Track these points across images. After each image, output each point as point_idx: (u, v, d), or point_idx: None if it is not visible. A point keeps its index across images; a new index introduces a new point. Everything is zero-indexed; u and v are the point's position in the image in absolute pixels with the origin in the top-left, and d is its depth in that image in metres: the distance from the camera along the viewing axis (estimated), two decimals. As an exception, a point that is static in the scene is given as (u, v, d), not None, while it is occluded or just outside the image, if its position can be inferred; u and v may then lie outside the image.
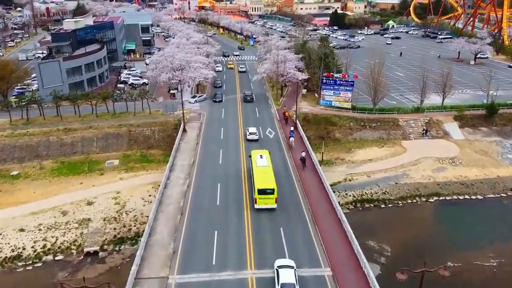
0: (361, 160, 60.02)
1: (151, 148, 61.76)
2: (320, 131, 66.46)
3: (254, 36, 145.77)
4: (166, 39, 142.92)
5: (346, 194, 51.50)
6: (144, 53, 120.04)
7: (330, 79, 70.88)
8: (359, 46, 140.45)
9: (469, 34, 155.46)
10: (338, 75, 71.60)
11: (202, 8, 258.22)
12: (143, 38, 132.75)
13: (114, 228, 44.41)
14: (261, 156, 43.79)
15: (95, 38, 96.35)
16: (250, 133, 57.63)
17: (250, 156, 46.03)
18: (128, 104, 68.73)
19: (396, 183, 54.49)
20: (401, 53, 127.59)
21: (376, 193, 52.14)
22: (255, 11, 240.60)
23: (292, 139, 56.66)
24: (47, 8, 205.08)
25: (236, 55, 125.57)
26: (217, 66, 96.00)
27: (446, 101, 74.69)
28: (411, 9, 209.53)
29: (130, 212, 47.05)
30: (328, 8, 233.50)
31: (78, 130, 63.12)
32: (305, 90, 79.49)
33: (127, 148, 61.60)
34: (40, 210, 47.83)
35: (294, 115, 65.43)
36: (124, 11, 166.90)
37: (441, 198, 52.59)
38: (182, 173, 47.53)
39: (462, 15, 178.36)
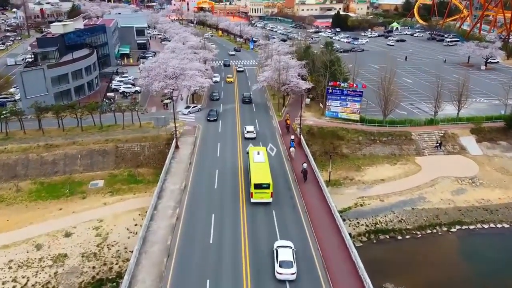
0: (372, 180, 54.29)
1: (140, 166, 56.06)
2: (326, 146, 60.84)
3: (254, 39, 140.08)
4: (163, 42, 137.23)
5: (358, 223, 45.74)
6: (138, 57, 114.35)
7: (337, 88, 65.19)
8: (363, 50, 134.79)
9: (477, 37, 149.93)
10: (345, 84, 65.90)
11: (201, 9, 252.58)
12: (138, 41, 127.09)
13: (93, 267, 38.67)
14: (258, 153, 45.62)
15: (85, 43, 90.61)
16: (248, 132, 58.90)
17: (247, 153, 48.62)
18: (117, 116, 63.07)
19: (412, 208, 48.76)
20: (406, 58, 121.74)
21: (391, 221, 46.41)
22: (255, 12, 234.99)
23: (292, 149, 53.03)
24: (42, 9, 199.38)
25: (231, 55, 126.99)
26: (214, 76, 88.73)
27: (461, 112, 68.93)
28: (415, 10, 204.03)
29: (112, 246, 41.33)
30: (330, 9, 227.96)
31: (60, 147, 57.40)
32: (309, 99, 73.79)
33: (113, 167, 55.88)
34: (13, 242, 42.19)
35: (298, 129, 59.76)
36: (119, 13, 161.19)
37: (463, 227, 46.82)
38: (172, 201, 41.81)
39: (468, 17, 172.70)
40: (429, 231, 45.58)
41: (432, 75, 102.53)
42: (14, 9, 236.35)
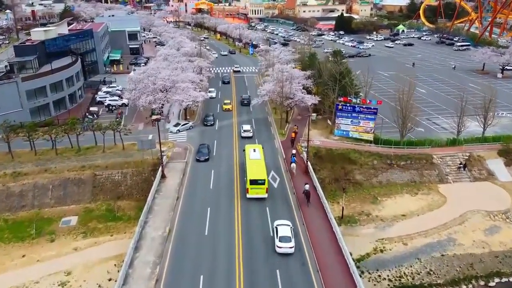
0: (392, 216, 46.51)
1: (121, 198, 48.25)
2: (336, 171, 53.08)
3: (254, 43, 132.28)
4: (157, 46, 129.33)
5: (379, 276, 37.94)
6: (130, 64, 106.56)
7: (348, 105, 57.43)
8: (369, 55, 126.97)
9: (488, 41, 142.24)
10: (357, 99, 58.15)
11: (200, 10, 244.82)
12: (130, 46, 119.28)
13: None
14: (254, 150, 46.83)
15: (70, 50, 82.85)
16: (245, 131, 59.15)
17: (244, 150, 48.99)
18: (98, 135, 55.10)
19: (442, 255, 40.95)
20: (413, 64, 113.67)
21: (418, 273, 38.61)
22: (255, 13, 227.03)
23: (293, 165, 48.60)
24: (33, 11, 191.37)
25: (224, 55, 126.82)
26: (210, 92, 77.42)
27: (480, 128, 61.05)
28: (421, 12, 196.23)
29: (79, 311, 33.62)
30: (332, 11, 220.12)
31: (30, 175, 49.59)
32: (315, 114, 65.81)
33: (90, 199, 48.07)
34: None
35: (304, 152, 52.00)
36: (113, 15, 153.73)
37: (503, 279, 39.15)
38: (152, 254, 34.02)
39: (477, 20, 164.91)
40: (464, 287, 37.79)
41: (446, 84, 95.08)
42: (8, 10, 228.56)
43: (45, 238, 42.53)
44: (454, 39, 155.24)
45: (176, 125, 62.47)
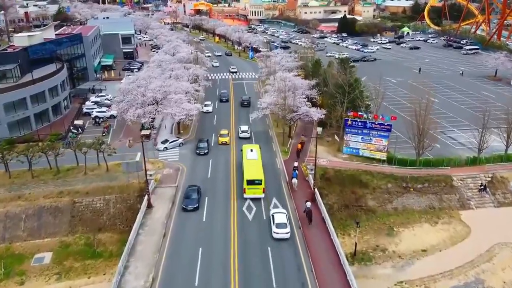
0: (411, 252, 40.84)
1: (103, 229, 42.60)
2: (346, 196, 47.46)
3: (253, 46, 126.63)
4: (153, 50, 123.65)
5: (402, 334, 32.28)
6: (123, 69, 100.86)
7: (358, 120, 51.71)
8: (375, 59, 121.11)
9: (498, 44, 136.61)
10: (368, 115, 52.42)
11: (198, 11, 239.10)
12: (124, 50, 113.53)
13: None
14: (251, 150, 47.17)
15: (56, 56, 77.07)
16: (242, 131, 58.57)
17: (241, 150, 49.17)
18: (81, 154, 49.24)
19: (472, 302, 35.36)
20: (420, 70, 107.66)
21: (446, 328, 32.95)
22: (255, 15, 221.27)
23: (295, 180, 45.07)
24: (26, 13, 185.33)
25: (218, 56, 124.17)
26: (205, 106, 70.22)
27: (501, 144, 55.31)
28: (426, 13, 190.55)
29: None
30: (334, 12, 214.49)
31: (1, 202, 43.89)
32: (321, 128, 59.60)
33: (67, 231, 42.36)
34: None
35: (310, 175, 46.29)
36: (107, 17, 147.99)
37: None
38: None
39: (483, 22, 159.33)
40: None
41: (459, 92, 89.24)
42: (2, 11, 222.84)
43: (13, 280, 36.94)
44: (461, 42, 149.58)
45: (164, 141, 56.37)
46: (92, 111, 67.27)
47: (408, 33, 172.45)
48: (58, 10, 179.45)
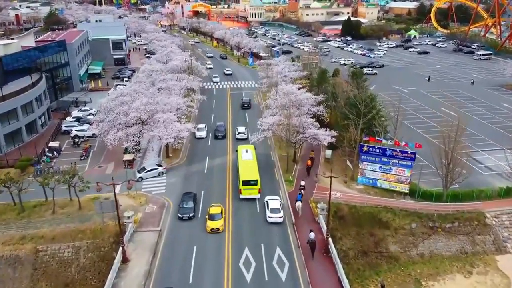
0: (445, 317, 33.38)
1: (70, 285, 35.07)
2: (363, 240, 40.01)
3: (254, 51, 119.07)
4: (147, 55, 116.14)
5: None
6: (112, 77, 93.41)
7: (376, 147, 44.17)
8: (383, 65, 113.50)
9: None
10: (388, 141, 44.86)
11: (197, 13, 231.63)
12: (115, 57, 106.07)
13: None
14: (246, 151, 47.15)
15: (36, 66, 69.56)
16: (239, 132, 58.35)
17: (236, 151, 49.17)
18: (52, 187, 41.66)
19: None
20: (429, 78, 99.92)
21: None
22: (255, 17, 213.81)
23: (298, 203, 40.52)
24: (17, 15, 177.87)
25: (209, 57, 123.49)
26: (198, 130, 59.13)
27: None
28: (432, 15, 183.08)
29: None
30: (337, 14, 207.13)
31: None
32: (330, 151, 52.34)
33: (27, 289, 34.91)
34: None
35: (321, 216, 38.73)
36: (100, 20, 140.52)
37: None
38: None
39: (493, 25, 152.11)
40: None
41: (477, 104, 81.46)
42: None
43: None
44: (472, 46, 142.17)
45: (141, 170, 48.24)
46: (72, 130, 59.70)
47: (415, 36, 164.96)
48: (50, 12, 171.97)
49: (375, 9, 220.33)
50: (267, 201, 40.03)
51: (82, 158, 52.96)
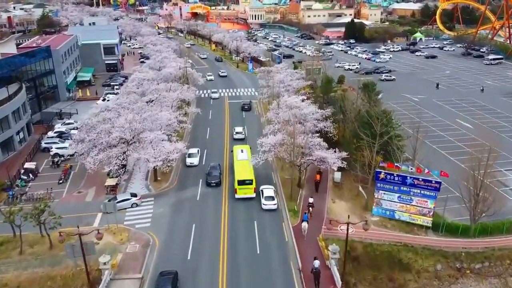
0: None
1: None
2: (380, 286, 34.13)
3: (254, 55, 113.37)
4: (142, 60, 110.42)
5: None
6: (103, 85, 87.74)
7: (394, 174, 38.36)
8: (390, 71, 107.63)
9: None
10: (408, 167, 39.04)
11: (195, 15, 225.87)
12: (106, 62, 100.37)
13: None
14: (241, 151, 47.69)
15: (15, 75, 63.80)
16: (237, 132, 58.33)
17: (232, 151, 50.18)
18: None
19: None
20: (437, 85, 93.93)
21: None
22: (255, 19, 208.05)
23: (305, 224, 36.92)
24: (9, 17, 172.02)
25: (203, 58, 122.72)
26: (190, 156, 50.75)
27: None
28: (437, 17, 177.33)
29: None
30: (339, 16, 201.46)
31: None
32: (339, 173, 46.38)
33: None
34: None
35: (332, 261, 32.87)
36: (94, 22, 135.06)
37: None
38: None
39: (502, 28, 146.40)
40: None
41: (493, 114, 75.29)
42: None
43: None
44: (481, 50, 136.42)
45: (111, 199, 40.75)
46: (52, 147, 53.91)
47: (421, 39, 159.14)
48: (42, 14, 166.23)
49: (378, 10, 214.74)
50: (262, 190, 42.11)
51: (61, 181, 47.15)
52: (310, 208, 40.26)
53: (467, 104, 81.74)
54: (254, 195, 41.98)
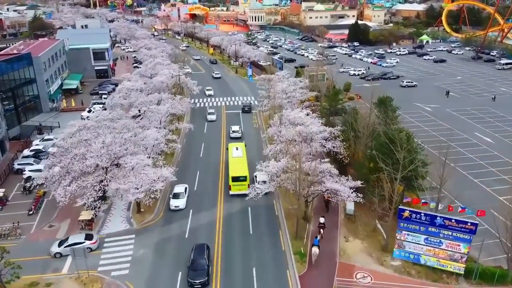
0: None
1: None
2: None
3: (253, 60, 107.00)
4: (135, 65, 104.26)
5: None
6: (91, 93, 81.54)
7: (421, 212, 31.92)
8: (398, 76, 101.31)
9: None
10: (438, 205, 32.64)
11: (194, 16, 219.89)
12: (96, 68, 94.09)
13: None
14: (236, 148, 48.75)
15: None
16: (233, 131, 58.92)
17: (227, 149, 50.67)
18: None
19: None
20: (447, 93, 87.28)
21: None
22: (255, 20, 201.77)
23: (315, 250, 32.97)
24: (0, 20, 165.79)
25: (197, 59, 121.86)
26: (175, 197, 41.95)
27: None
28: (443, 18, 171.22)
29: None
30: (342, 17, 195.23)
31: None
32: (353, 203, 39.86)
33: None
34: None
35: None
36: (86, 25, 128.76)
37: None
38: None
39: (510, 30, 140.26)
40: None
41: (514, 127, 69.42)
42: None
43: None
44: (491, 53, 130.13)
45: (60, 243, 34.98)
46: (25, 169, 47.56)
47: (427, 41, 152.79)
48: (34, 16, 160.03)
49: (382, 11, 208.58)
50: (255, 175, 44.01)
51: (31, 212, 40.85)
52: (321, 230, 35.76)
53: (484, 114, 75.31)
54: (248, 191, 39.77)
